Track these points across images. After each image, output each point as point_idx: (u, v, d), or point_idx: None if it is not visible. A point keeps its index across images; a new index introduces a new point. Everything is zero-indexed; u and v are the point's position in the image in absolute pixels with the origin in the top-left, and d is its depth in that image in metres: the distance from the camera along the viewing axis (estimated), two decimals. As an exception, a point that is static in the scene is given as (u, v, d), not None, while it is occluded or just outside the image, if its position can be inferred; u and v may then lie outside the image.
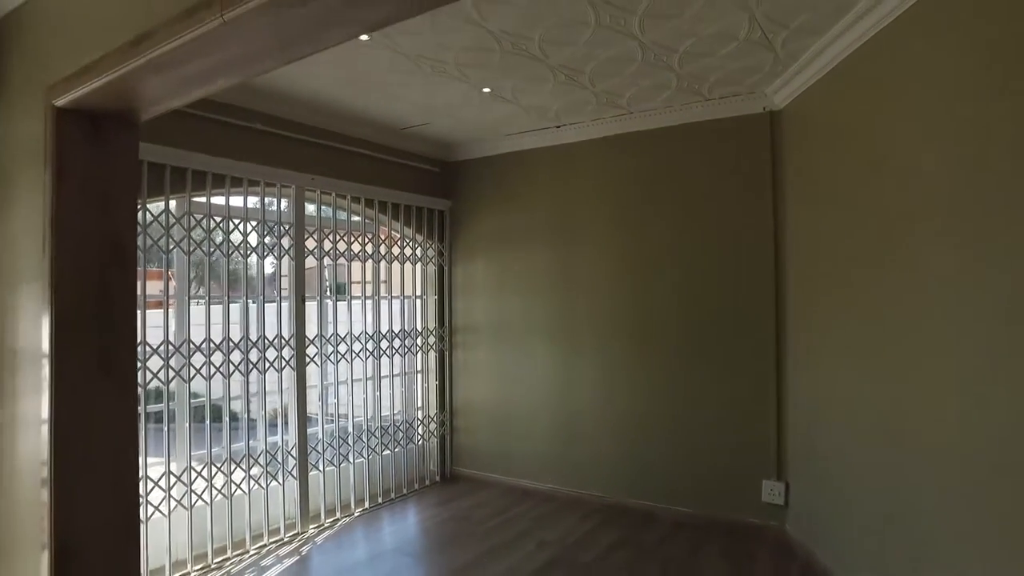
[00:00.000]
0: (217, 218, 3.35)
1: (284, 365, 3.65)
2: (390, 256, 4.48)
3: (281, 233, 3.67)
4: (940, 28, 2.12)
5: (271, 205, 3.63)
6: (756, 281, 3.63)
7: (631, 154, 4.08)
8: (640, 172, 4.05)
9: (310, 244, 3.87)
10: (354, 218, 4.25)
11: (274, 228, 3.64)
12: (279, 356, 3.62)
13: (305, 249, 3.82)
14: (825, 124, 3.06)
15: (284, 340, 3.66)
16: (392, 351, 4.42)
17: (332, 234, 4.03)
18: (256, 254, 3.55)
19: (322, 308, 3.97)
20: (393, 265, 4.51)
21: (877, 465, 2.54)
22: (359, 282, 4.31)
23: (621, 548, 3.45)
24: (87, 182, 2.01)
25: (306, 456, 3.77)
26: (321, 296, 3.98)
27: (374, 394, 4.29)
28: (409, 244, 4.61)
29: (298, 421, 3.72)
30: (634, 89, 3.51)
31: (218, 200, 3.39)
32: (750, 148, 3.66)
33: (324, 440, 3.95)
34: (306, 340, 3.80)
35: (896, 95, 2.40)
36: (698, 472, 3.81)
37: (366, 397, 4.24)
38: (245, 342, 3.45)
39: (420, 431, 4.67)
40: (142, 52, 1.59)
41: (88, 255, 2.01)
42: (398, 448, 4.46)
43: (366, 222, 4.29)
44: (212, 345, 3.28)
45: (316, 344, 3.89)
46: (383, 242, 4.42)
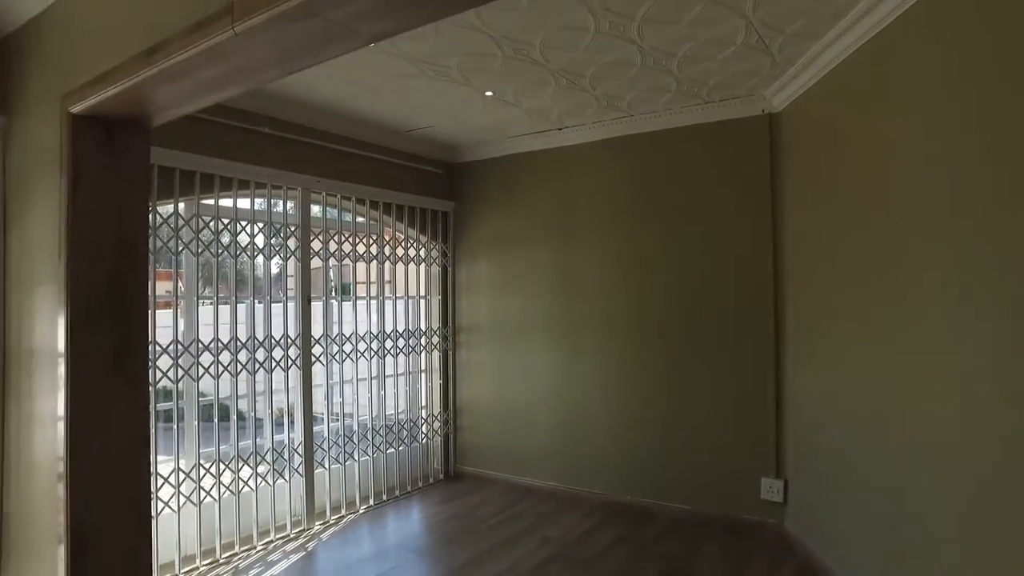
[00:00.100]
0: (225, 220, 3.42)
1: (290, 364, 3.72)
2: (395, 257, 4.53)
3: (287, 234, 3.73)
4: (935, 31, 2.16)
5: (277, 207, 3.69)
6: (756, 281, 3.67)
7: (632, 156, 4.13)
8: (641, 174, 4.10)
9: (316, 245, 3.93)
10: (359, 219, 4.30)
11: (280, 229, 3.70)
12: (285, 355, 3.68)
13: (311, 250, 3.88)
14: (823, 126, 3.10)
15: (290, 340, 3.72)
16: (396, 351, 4.48)
17: (338, 235, 4.09)
18: (263, 255, 3.62)
19: (328, 308, 4.03)
20: (398, 266, 4.57)
21: (876, 463, 2.55)
22: (364, 282, 4.36)
23: (621, 545, 3.50)
24: (101, 187, 2.08)
25: (312, 454, 3.84)
26: (327, 296, 4.04)
27: (379, 393, 4.35)
28: (413, 245, 4.67)
29: (304, 419, 3.79)
30: (634, 92, 3.56)
31: (226, 202, 3.46)
32: (749, 150, 3.70)
33: (330, 438, 4.01)
34: (312, 340, 3.86)
35: (893, 97, 2.43)
36: (697, 470, 3.85)
37: (371, 396, 4.29)
38: (252, 342, 3.51)
39: (424, 429, 4.73)
40: (155, 62, 1.66)
41: (102, 258, 2.08)
42: (402, 446, 4.52)
43: (371, 223, 4.34)
44: (220, 344, 3.34)
45: (322, 344, 3.94)
46: (388, 243, 4.47)
